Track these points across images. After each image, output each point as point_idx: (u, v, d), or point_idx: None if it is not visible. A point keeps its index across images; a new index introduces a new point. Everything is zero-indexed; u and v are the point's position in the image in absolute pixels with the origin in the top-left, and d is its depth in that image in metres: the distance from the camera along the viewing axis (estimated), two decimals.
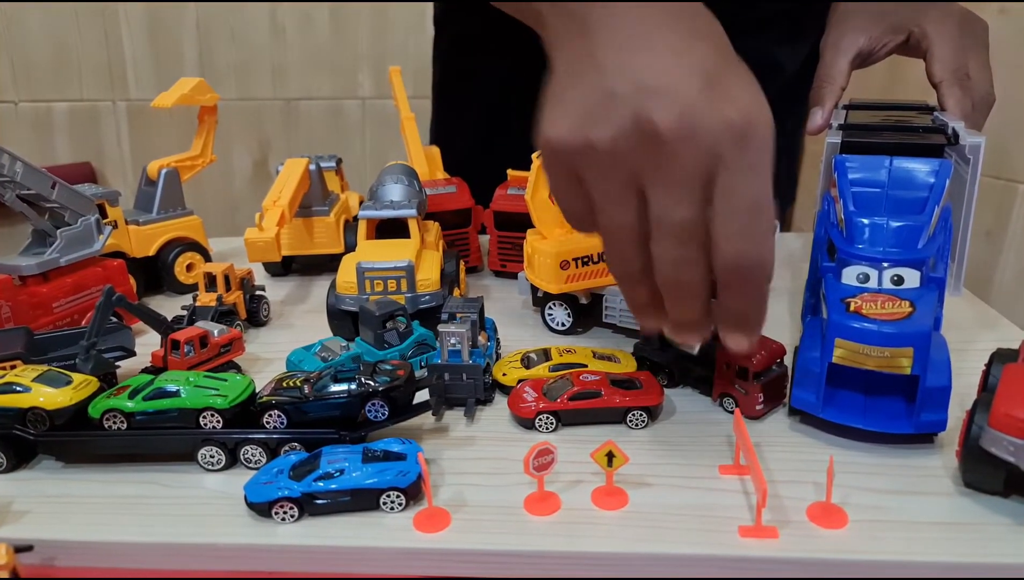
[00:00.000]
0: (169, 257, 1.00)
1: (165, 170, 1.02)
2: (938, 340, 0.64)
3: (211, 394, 0.62)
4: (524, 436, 0.65)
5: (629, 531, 0.53)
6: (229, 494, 0.57)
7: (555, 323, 0.86)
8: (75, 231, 0.86)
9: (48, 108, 2.24)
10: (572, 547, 0.52)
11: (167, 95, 1.03)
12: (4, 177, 0.79)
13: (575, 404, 0.65)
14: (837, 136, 0.79)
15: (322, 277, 1.07)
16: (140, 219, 1.00)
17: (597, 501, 0.56)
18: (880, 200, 0.71)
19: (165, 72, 2.18)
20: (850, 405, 0.65)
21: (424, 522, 0.54)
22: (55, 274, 0.84)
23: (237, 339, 0.75)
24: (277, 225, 0.89)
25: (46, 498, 0.58)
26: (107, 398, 0.62)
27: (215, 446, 0.60)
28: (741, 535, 0.52)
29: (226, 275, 0.86)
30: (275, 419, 0.62)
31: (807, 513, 0.54)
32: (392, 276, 0.82)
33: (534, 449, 0.54)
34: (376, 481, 0.55)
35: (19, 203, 0.82)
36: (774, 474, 0.58)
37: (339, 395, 0.61)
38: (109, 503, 0.58)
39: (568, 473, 0.59)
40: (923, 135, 0.77)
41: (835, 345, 0.62)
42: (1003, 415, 0.52)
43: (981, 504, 0.55)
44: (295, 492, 0.54)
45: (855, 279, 0.66)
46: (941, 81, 0.90)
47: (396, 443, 0.59)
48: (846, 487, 0.57)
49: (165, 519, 0.55)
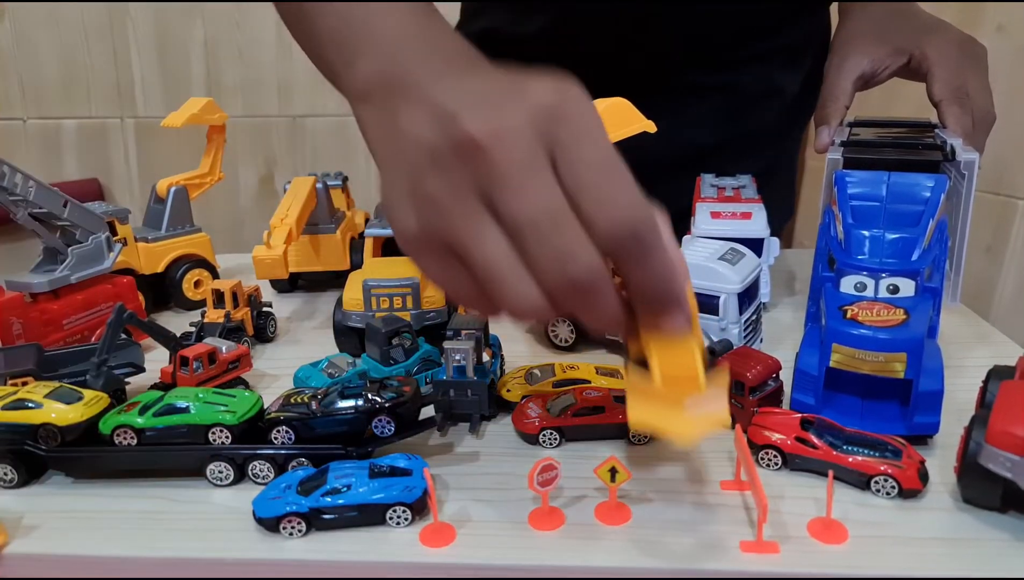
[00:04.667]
0: (177, 274, 1.01)
1: (174, 188, 1.03)
2: (931, 347, 0.67)
3: (220, 410, 0.63)
4: (528, 452, 0.66)
5: (632, 546, 0.53)
6: (237, 509, 0.58)
7: (558, 340, 0.87)
8: (86, 248, 0.87)
9: (57, 125, 2.26)
10: (576, 562, 0.52)
11: (177, 115, 1.04)
12: (17, 196, 0.80)
13: (578, 420, 0.66)
14: (838, 152, 0.80)
15: (328, 294, 1.08)
16: (149, 236, 1.01)
17: (600, 516, 0.56)
18: (878, 213, 0.73)
19: (173, 89, 2.20)
20: (847, 408, 0.67)
21: (430, 537, 0.54)
22: (66, 291, 0.85)
23: (245, 355, 0.76)
24: (285, 243, 0.90)
25: (56, 513, 0.59)
26: (118, 414, 0.63)
27: (224, 462, 0.61)
28: (742, 551, 0.52)
29: (234, 292, 0.87)
30: (283, 435, 0.62)
31: (808, 528, 0.54)
32: (398, 293, 0.83)
33: (538, 465, 0.55)
34: (383, 496, 0.55)
35: (31, 221, 0.84)
36: (775, 489, 0.59)
37: (346, 411, 0.62)
38: (118, 518, 0.58)
39: (572, 488, 0.59)
40: (921, 152, 0.79)
41: (832, 350, 0.64)
42: (1000, 432, 0.53)
43: (980, 520, 0.55)
44: (303, 507, 0.55)
45: (853, 288, 0.69)
46: (941, 100, 0.91)
47: (402, 459, 0.60)
48: (846, 502, 0.57)
49: (174, 534, 0.56)
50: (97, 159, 2.28)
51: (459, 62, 0.54)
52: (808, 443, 0.61)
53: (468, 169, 0.46)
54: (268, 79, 2.18)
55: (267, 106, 2.20)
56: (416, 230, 0.49)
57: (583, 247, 0.46)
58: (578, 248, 0.46)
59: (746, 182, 1.01)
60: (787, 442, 0.61)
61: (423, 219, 0.48)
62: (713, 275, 0.77)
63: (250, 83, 2.19)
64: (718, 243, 0.82)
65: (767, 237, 0.91)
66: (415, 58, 0.54)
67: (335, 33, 0.58)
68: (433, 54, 0.55)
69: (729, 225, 0.90)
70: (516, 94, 0.47)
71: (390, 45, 0.55)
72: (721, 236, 0.86)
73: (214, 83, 2.19)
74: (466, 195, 0.47)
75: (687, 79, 1.12)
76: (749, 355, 0.69)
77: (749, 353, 0.70)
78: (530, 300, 0.47)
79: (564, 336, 0.86)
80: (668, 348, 0.50)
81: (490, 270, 0.47)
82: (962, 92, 0.90)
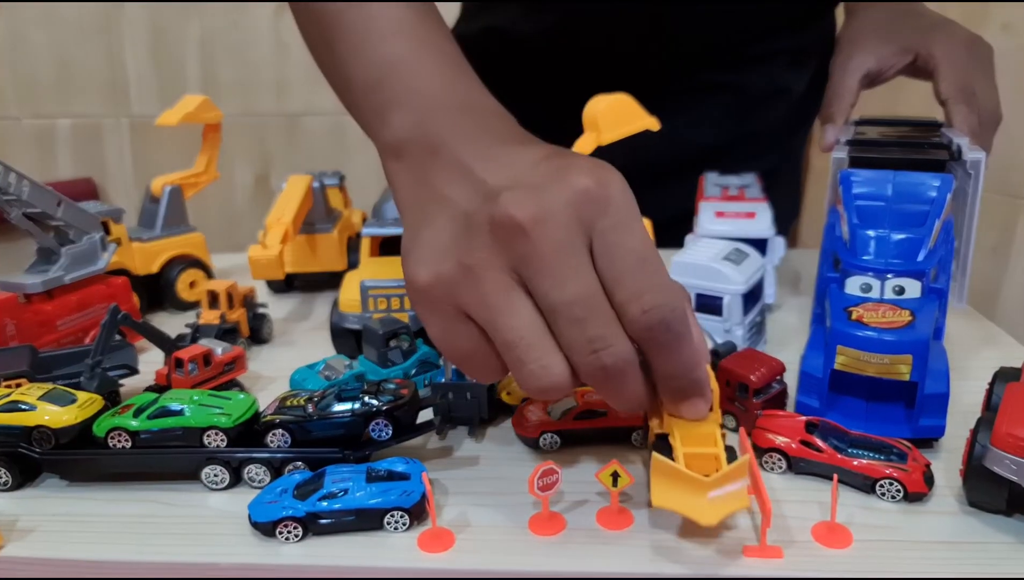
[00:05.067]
0: (172, 274, 1.00)
1: (169, 188, 1.02)
2: (937, 349, 0.66)
3: (215, 413, 0.62)
4: (528, 456, 0.65)
5: (634, 551, 0.53)
6: (233, 513, 0.57)
7: None
8: (79, 249, 0.86)
9: (51, 124, 2.24)
10: (578, 568, 0.51)
11: (172, 113, 1.04)
12: (10, 196, 0.80)
13: (579, 423, 0.65)
14: (843, 151, 0.80)
15: (324, 294, 1.07)
16: (144, 236, 1.00)
17: (602, 521, 0.56)
18: (883, 213, 0.72)
19: (168, 88, 2.19)
20: (852, 410, 0.66)
21: (428, 542, 0.54)
22: (59, 292, 0.84)
23: (240, 357, 0.75)
24: (281, 243, 0.89)
25: (50, 517, 0.58)
26: (112, 416, 0.62)
27: (219, 465, 0.60)
28: (746, 555, 0.52)
29: (229, 293, 0.87)
30: (279, 438, 0.62)
31: (812, 532, 0.54)
32: (396, 294, 0.82)
33: (538, 469, 0.54)
34: (380, 501, 0.55)
35: (24, 221, 0.83)
36: (778, 493, 0.58)
37: (343, 414, 0.61)
38: (112, 522, 0.57)
39: (573, 493, 0.59)
40: (927, 151, 0.78)
41: (837, 352, 0.64)
42: (1005, 434, 0.53)
43: (985, 523, 0.55)
44: (299, 511, 0.54)
45: (858, 289, 0.68)
46: (948, 99, 0.91)
47: (400, 463, 0.59)
48: (851, 506, 0.57)
49: (168, 538, 0.55)
50: (91, 158, 2.27)
51: (492, 124, 0.56)
52: (813, 446, 0.60)
53: (506, 245, 0.48)
54: (264, 77, 2.17)
55: (263, 104, 2.19)
56: (432, 284, 0.50)
57: (616, 335, 0.48)
58: (611, 336, 0.48)
59: (751, 181, 1.01)
60: (791, 445, 0.60)
61: (446, 278, 0.50)
62: (717, 275, 0.76)
63: (246, 81, 2.17)
64: (722, 243, 0.81)
65: (772, 237, 0.90)
66: (447, 117, 0.55)
67: (368, 84, 0.60)
68: (465, 114, 0.56)
69: (733, 224, 0.90)
70: (559, 178, 0.49)
71: (423, 100, 0.57)
72: (725, 236, 0.86)
73: (209, 81, 2.18)
74: (501, 267, 0.49)
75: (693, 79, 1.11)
76: (753, 357, 0.68)
77: (753, 355, 0.69)
78: (556, 375, 0.49)
79: None
80: (690, 426, 0.54)
81: (520, 340, 0.49)
82: (969, 91, 0.90)
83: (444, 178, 0.52)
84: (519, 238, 0.48)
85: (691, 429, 0.54)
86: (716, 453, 0.52)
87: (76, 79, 2.21)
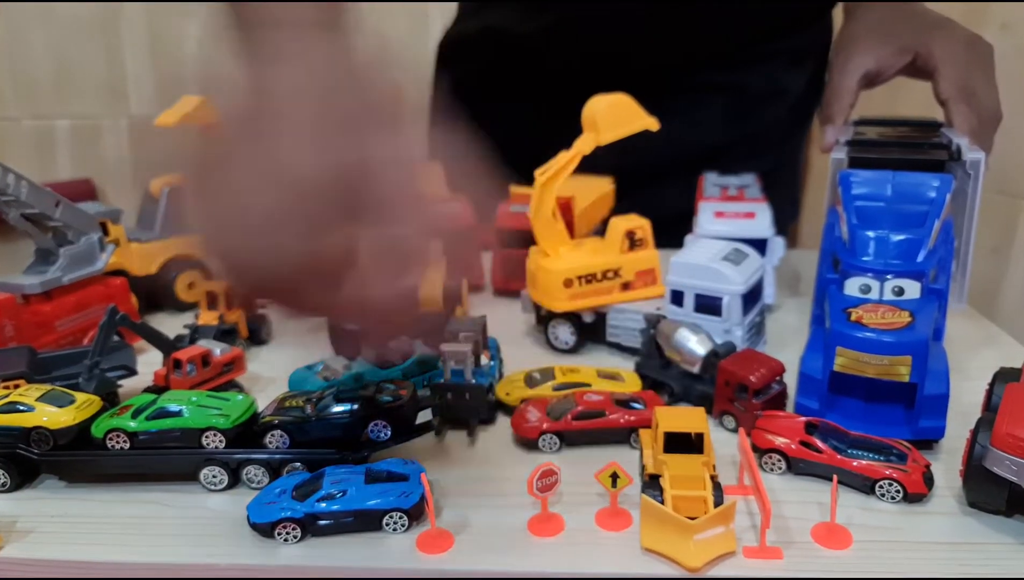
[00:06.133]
0: (171, 275, 1.00)
1: (168, 188, 1.02)
2: (937, 349, 0.66)
3: (213, 414, 0.62)
4: (527, 456, 0.65)
5: (633, 552, 0.53)
6: (231, 514, 0.57)
7: (558, 342, 0.86)
8: (78, 249, 0.86)
9: (50, 125, 2.24)
10: (576, 568, 0.51)
11: (170, 113, 1.03)
12: (9, 196, 0.79)
13: (579, 424, 0.65)
14: (842, 152, 0.80)
15: None
16: (142, 237, 1.00)
17: (601, 522, 0.56)
18: (883, 214, 0.72)
19: (166, 89, 2.19)
20: (852, 411, 0.66)
21: (427, 543, 0.53)
22: (58, 293, 0.84)
23: (239, 358, 0.75)
24: None
25: (49, 518, 0.58)
26: (110, 417, 0.62)
27: (217, 466, 0.60)
28: (746, 556, 0.52)
29: (228, 294, 0.86)
30: (277, 439, 0.61)
31: (811, 533, 0.54)
32: None
33: (538, 470, 0.54)
34: (379, 502, 0.55)
35: (23, 221, 0.82)
36: (778, 494, 0.58)
37: (341, 415, 0.61)
38: (111, 523, 0.57)
39: (572, 494, 0.58)
40: (926, 151, 0.78)
41: (837, 353, 0.63)
42: (1005, 435, 0.52)
43: (984, 523, 0.55)
44: (298, 513, 0.54)
45: (857, 290, 0.68)
46: (948, 98, 0.91)
47: (399, 464, 0.59)
48: (850, 507, 0.57)
49: (167, 539, 0.55)
50: (90, 158, 2.26)
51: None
52: (812, 447, 0.60)
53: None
54: None
55: None
56: None
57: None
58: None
59: (750, 181, 1.01)
60: (791, 446, 0.60)
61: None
62: (716, 276, 0.76)
63: None
64: (721, 243, 0.81)
65: (771, 237, 0.90)
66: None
67: None
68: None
69: (733, 225, 0.90)
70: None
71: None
72: (725, 236, 0.86)
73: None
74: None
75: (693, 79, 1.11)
76: (753, 358, 0.68)
77: (753, 355, 0.69)
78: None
79: (564, 338, 0.86)
80: (680, 467, 0.55)
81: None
82: (968, 91, 0.90)
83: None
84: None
85: (681, 471, 0.55)
86: (704, 496, 0.53)
87: (75, 80, 2.20)
